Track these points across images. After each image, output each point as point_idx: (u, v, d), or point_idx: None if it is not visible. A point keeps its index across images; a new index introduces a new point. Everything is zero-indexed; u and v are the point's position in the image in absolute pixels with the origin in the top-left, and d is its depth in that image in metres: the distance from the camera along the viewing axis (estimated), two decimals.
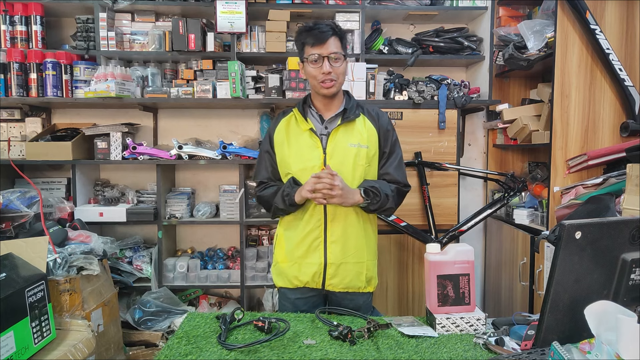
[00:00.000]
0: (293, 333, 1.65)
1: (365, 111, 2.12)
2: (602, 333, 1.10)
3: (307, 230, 2.03)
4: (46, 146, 3.21)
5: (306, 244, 2.04)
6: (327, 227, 2.02)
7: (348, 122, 2.04)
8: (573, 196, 2.55)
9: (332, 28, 1.97)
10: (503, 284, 3.38)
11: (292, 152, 2.05)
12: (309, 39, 1.97)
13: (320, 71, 1.96)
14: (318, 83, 1.99)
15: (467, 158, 3.77)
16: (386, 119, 2.14)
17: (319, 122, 2.08)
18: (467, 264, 1.69)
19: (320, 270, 2.03)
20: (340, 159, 2.00)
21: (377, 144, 2.08)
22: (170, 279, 3.36)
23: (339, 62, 1.98)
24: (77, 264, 2.52)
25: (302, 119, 2.05)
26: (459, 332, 1.64)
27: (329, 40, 1.95)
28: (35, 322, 2.00)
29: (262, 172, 2.16)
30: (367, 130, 2.06)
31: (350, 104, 2.09)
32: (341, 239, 2.02)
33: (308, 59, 1.98)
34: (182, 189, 3.60)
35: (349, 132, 2.04)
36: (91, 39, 3.27)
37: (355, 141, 2.03)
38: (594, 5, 2.62)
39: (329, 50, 1.95)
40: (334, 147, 2.01)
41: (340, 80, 2.02)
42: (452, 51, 3.43)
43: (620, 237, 1.25)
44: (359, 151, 2.02)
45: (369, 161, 2.05)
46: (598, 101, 2.68)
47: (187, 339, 1.62)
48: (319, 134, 2.04)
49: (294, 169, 2.03)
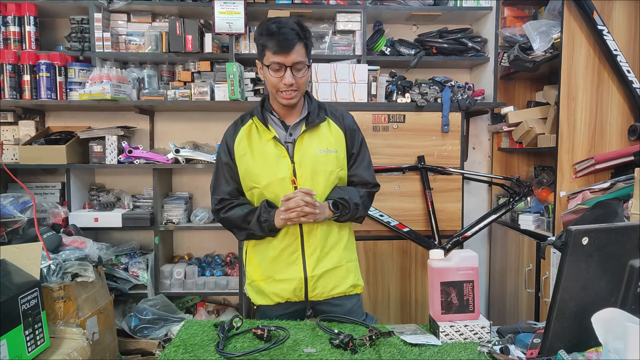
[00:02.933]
0: (293, 341, 1.65)
1: (329, 113, 2.04)
2: (610, 341, 1.10)
3: (282, 245, 1.96)
4: (40, 150, 3.21)
5: (282, 259, 1.97)
6: (303, 240, 1.95)
7: (313, 127, 1.96)
8: (580, 201, 2.55)
9: (298, 34, 1.83)
10: (508, 291, 3.38)
11: (257, 163, 1.95)
12: (271, 44, 1.83)
13: (281, 81, 1.86)
14: (278, 92, 1.91)
15: (471, 162, 3.78)
16: (351, 118, 2.08)
17: (282, 129, 1.99)
18: (471, 271, 1.70)
19: (300, 284, 1.96)
20: (310, 167, 1.93)
21: (344, 147, 2.02)
22: (167, 286, 3.36)
23: (303, 71, 1.88)
24: (71, 271, 2.53)
25: (264, 127, 1.95)
26: (463, 340, 1.64)
27: (293, 49, 1.83)
28: (29, 330, 2.01)
29: (221, 187, 2.03)
30: (334, 134, 2.00)
31: (312, 106, 2.01)
32: (319, 249, 1.96)
33: (269, 66, 1.86)
34: (179, 193, 3.60)
35: (315, 138, 1.97)
36: (86, 40, 3.28)
37: (324, 146, 1.96)
38: (602, 5, 2.62)
39: (293, 60, 1.84)
40: (302, 155, 1.93)
41: (302, 89, 1.94)
42: (455, 52, 3.44)
43: (628, 243, 1.26)
44: (328, 157, 1.96)
45: (340, 165, 1.99)
46: (605, 103, 2.69)
47: (185, 347, 1.62)
48: (284, 141, 1.95)
49: (263, 182, 1.94)
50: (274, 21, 1.86)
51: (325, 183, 1.95)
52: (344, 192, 1.97)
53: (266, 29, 1.84)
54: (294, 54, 1.83)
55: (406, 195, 3.22)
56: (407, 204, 3.22)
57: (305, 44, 1.88)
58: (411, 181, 3.22)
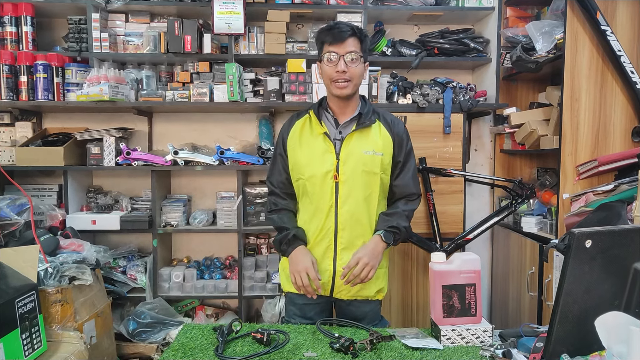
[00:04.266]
0: (293, 345, 1.66)
1: (381, 117, 2.13)
2: (613, 345, 1.11)
3: (317, 238, 2.06)
4: (37, 151, 3.22)
5: (315, 251, 2.07)
6: (337, 235, 2.04)
7: (363, 127, 2.05)
8: (583, 203, 2.55)
9: (353, 29, 1.99)
10: (510, 294, 3.38)
11: (304, 156, 2.07)
12: (327, 37, 1.99)
13: (334, 69, 1.98)
14: (331, 82, 2.01)
15: (473, 164, 3.78)
16: (402, 126, 2.17)
17: (334, 126, 2.10)
18: (473, 274, 1.70)
19: (329, 278, 2.06)
20: (353, 165, 2.02)
21: (391, 152, 2.10)
22: (165, 289, 3.36)
23: (356, 62, 1.99)
24: (69, 274, 2.53)
25: (317, 121, 2.07)
26: (464, 344, 1.65)
27: (347, 40, 1.97)
28: (26, 334, 2.01)
29: (274, 175, 2.19)
30: (383, 138, 2.08)
31: (366, 109, 2.10)
32: (352, 246, 2.04)
33: (325, 57, 2.00)
34: (177, 195, 3.61)
35: (363, 139, 2.05)
36: (83, 41, 3.28)
37: (370, 148, 2.04)
38: (605, 5, 2.63)
39: (346, 49, 1.97)
40: (348, 153, 2.03)
41: (356, 82, 2.03)
42: (457, 53, 3.44)
43: (632, 246, 1.26)
44: (374, 159, 2.04)
45: (383, 169, 2.07)
46: (609, 105, 2.69)
47: (183, 351, 1.63)
48: (333, 138, 2.06)
49: (306, 174, 2.05)
50: (334, 22, 2.07)
51: (367, 183, 2.04)
52: (391, 219, 2.07)
53: (325, 26, 2.04)
54: (347, 45, 1.97)
55: None
56: None
57: (360, 39, 2.01)
58: None
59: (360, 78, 2.05)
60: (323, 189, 2.03)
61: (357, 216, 2.04)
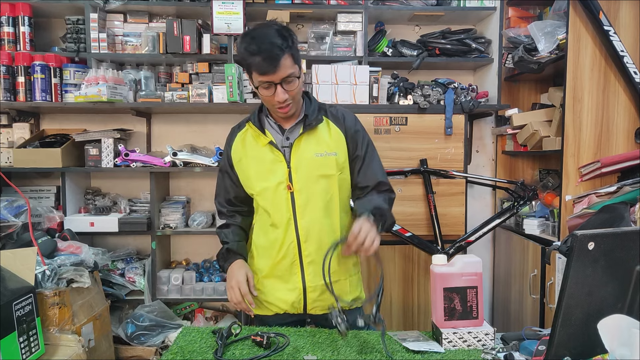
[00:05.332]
0: (293, 348, 1.66)
1: (329, 114, 1.97)
2: (616, 348, 1.11)
3: (278, 254, 1.93)
4: (34, 153, 3.22)
5: (280, 269, 1.95)
6: (301, 248, 1.91)
7: (310, 129, 1.90)
8: (586, 205, 2.55)
9: (280, 47, 1.71)
10: (512, 297, 3.39)
11: (252, 169, 1.94)
12: (254, 65, 1.74)
13: (273, 99, 1.79)
14: (273, 107, 1.86)
15: (474, 165, 3.79)
16: (352, 118, 2.00)
17: (279, 133, 1.94)
18: (474, 276, 1.70)
19: (299, 297, 1.94)
20: (307, 171, 1.89)
21: (346, 149, 1.95)
22: (164, 291, 3.36)
23: (294, 83, 1.79)
24: (67, 276, 2.53)
25: (259, 133, 1.91)
26: (466, 347, 1.65)
27: (279, 65, 1.72)
28: (23, 337, 2.01)
29: (221, 195, 2.08)
30: (333, 135, 1.93)
31: (312, 107, 1.94)
32: (318, 258, 1.85)
33: (258, 86, 1.79)
34: (176, 197, 3.61)
35: (313, 141, 1.91)
36: (82, 41, 3.29)
37: (322, 149, 1.90)
38: (608, 5, 2.63)
39: (281, 76, 1.74)
40: (299, 159, 1.89)
41: (298, 98, 1.87)
42: (459, 53, 3.45)
43: (635, 248, 1.26)
44: (327, 160, 1.90)
45: (340, 169, 1.92)
46: (612, 106, 2.70)
47: (182, 354, 1.63)
48: (281, 146, 1.90)
49: (257, 188, 1.93)
50: (252, 37, 1.76)
51: (324, 188, 1.90)
52: (368, 203, 1.87)
53: (246, 50, 1.75)
54: (281, 70, 1.73)
55: (408, 199, 3.22)
56: (409, 208, 3.22)
57: (291, 54, 1.77)
58: (413, 185, 3.22)
59: (301, 90, 1.91)
60: (277, 201, 1.89)
61: (319, 226, 1.90)
